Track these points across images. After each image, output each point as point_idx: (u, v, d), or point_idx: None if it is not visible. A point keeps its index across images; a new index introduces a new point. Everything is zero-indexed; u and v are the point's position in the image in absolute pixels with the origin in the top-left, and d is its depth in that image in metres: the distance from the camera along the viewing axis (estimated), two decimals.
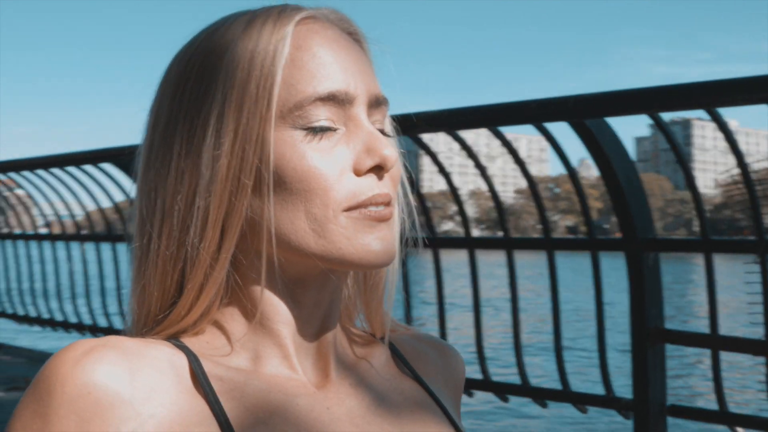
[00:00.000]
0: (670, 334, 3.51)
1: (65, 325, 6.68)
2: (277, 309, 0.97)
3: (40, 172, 6.42)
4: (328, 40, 0.95)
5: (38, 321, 6.96)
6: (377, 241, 0.93)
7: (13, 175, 6.92)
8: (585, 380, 3.73)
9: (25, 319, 7.18)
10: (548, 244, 3.84)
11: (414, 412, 1.04)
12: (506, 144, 3.84)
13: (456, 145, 3.89)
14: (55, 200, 6.68)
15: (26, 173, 6.61)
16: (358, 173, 0.93)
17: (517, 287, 4.00)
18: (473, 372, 4.12)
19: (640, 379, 3.51)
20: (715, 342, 3.42)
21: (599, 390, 3.72)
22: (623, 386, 3.78)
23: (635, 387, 3.53)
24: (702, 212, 3.40)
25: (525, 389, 4.01)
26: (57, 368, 0.86)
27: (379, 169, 0.94)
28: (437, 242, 4.23)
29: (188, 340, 0.96)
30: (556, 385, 3.88)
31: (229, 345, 0.97)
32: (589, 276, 3.68)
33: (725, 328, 3.56)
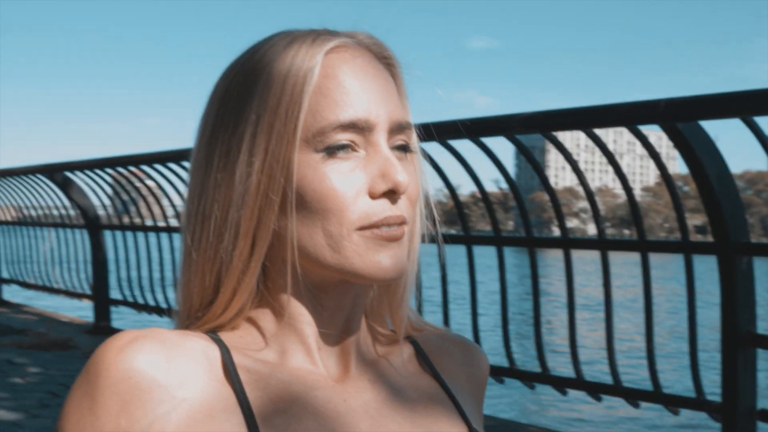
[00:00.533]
0: (762, 339, 3.49)
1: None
2: (301, 311, 1.06)
3: (171, 165, 6.61)
4: (354, 69, 1.02)
5: (161, 310, 7.17)
6: (387, 258, 1.01)
7: (144, 167, 7.19)
8: (664, 380, 3.75)
9: (145, 308, 7.45)
10: (642, 246, 3.85)
11: (427, 407, 1.12)
12: (601, 146, 3.85)
13: (583, 141, 3.94)
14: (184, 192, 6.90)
15: (157, 166, 6.79)
16: (372, 196, 1.00)
17: (610, 287, 4.02)
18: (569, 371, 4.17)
19: (729, 383, 3.50)
20: None
21: (679, 389, 3.73)
22: (706, 387, 3.76)
23: (724, 390, 3.52)
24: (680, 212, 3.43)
25: (617, 389, 4.03)
26: (104, 355, 0.97)
27: (392, 193, 1.01)
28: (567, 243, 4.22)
29: (224, 334, 1.05)
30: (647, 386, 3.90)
31: (259, 340, 1.07)
32: (679, 277, 3.67)
33: None
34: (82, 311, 10.97)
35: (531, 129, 3.83)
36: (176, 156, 6.29)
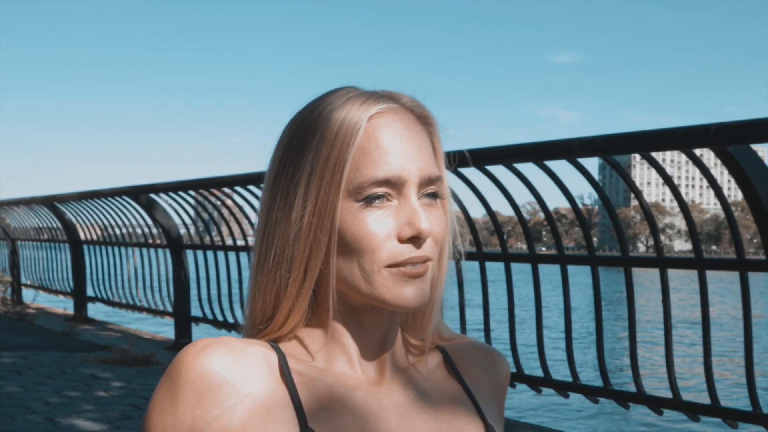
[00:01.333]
0: None
1: None
2: (343, 327, 1.26)
3: (250, 186, 6.75)
4: (392, 132, 1.21)
5: (238, 327, 7.40)
6: (411, 291, 1.20)
7: (225, 189, 7.45)
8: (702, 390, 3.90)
9: (224, 325, 7.69)
10: (699, 264, 3.96)
11: (449, 407, 1.31)
12: (658, 170, 3.98)
13: (668, 156, 3.94)
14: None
15: (237, 187, 7.02)
16: (400, 240, 1.19)
17: (668, 304, 4.13)
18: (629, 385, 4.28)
19: None
20: None
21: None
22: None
23: None
24: None
25: (677, 403, 4.14)
26: (184, 358, 1.18)
27: (416, 238, 1.20)
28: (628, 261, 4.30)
29: (281, 344, 1.26)
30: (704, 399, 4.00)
31: (309, 350, 1.27)
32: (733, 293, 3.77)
33: None
34: (164, 327, 11.32)
35: (589, 153, 3.97)
36: (254, 179, 6.51)
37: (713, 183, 3.81)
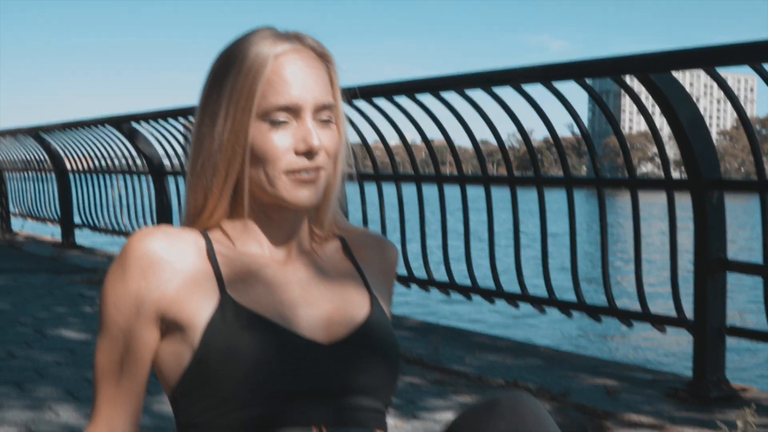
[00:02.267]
0: (730, 264, 3.96)
1: None
2: (256, 220, 1.61)
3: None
4: (293, 68, 1.54)
5: None
6: (304, 194, 1.54)
7: None
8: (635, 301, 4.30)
9: None
10: (631, 184, 4.34)
11: (343, 282, 1.65)
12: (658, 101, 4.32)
13: None
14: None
15: None
16: (296, 153, 1.53)
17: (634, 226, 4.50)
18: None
19: (701, 303, 3.98)
20: (766, 271, 3.86)
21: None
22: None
23: (696, 310, 4.00)
24: (758, 155, 3.83)
25: (612, 311, 4.54)
26: (131, 241, 1.53)
27: (309, 152, 1.53)
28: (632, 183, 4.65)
29: (210, 232, 1.61)
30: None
31: (230, 238, 1.62)
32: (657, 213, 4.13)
33: None
34: None
35: (531, 80, 4.32)
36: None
37: (643, 110, 4.13)
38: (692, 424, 3.46)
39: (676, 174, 4.40)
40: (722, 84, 3.79)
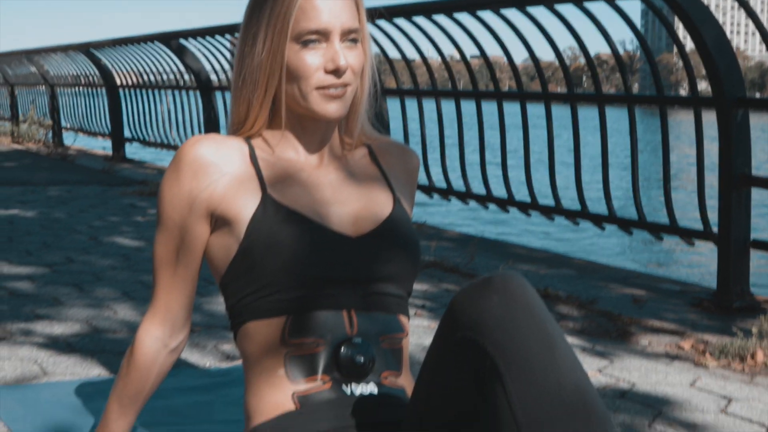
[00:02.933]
0: (754, 180, 4.11)
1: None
2: (292, 129, 1.81)
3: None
4: None
5: None
6: (332, 107, 1.73)
7: None
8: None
9: None
10: (660, 101, 4.47)
11: (369, 184, 1.86)
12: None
13: (727, 3, 4.16)
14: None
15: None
16: (326, 71, 1.72)
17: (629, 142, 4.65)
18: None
19: (725, 217, 4.13)
20: None
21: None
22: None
23: (721, 223, 4.16)
24: None
25: (643, 223, 4.71)
26: (183, 147, 1.75)
27: (337, 71, 1.72)
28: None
29: (252, 139, 1.81)
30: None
31: (270, 145, 1.82)
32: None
33: None
34: None
35: None
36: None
37: (760, 27, 4.18)
38: (712, 331, 3.64)
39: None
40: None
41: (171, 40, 9.11)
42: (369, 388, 1.68)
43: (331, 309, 1.68)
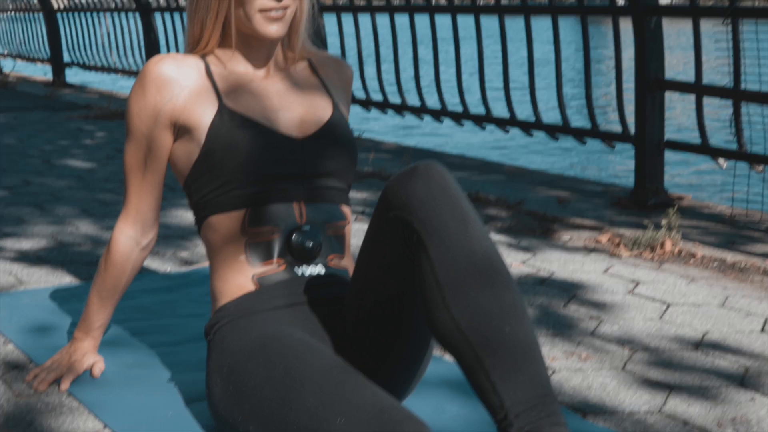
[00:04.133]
0: (666, 83, 4.44)
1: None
2: (241, 47, 2.07)
3: None
4: None
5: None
6: (273, 28, 1.98)
7: None
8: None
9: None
10: (581, 11, 4.77)
11: (311, 91, 2.12)
12: None
13: None
14: None
15: None
16: None
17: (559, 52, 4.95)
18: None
19: (641, 120, 4.47)
20: (698, 89, 4.34)
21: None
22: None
23: (637, 125, 4.49)
24: None
25: (567, 129, 5.03)
26: (147, 65, 2.02)
27: None
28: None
29: (207, 56, 2.08)
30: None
31: (223, 60, 2.08)
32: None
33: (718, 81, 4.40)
34: None
35: None
36: None
37: None
38: (628, 226, 3.98)
39: None
40: None
41: None
42: (317, 269, 1.99)
43: (283, 201, 1.97)
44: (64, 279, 3.11)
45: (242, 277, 1.97)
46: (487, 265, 1.64)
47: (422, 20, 6.03)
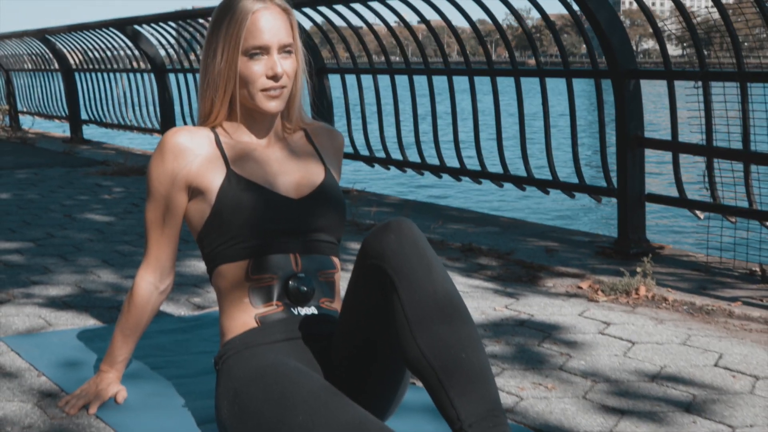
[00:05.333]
0: (645, 141, 4.77)
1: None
2: (245, 120, 2.41)
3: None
4: (263, 19, 2.29)
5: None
6: (273, 104, 2.32)
7: (200, 20, 8.52)
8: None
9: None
10: (566, 74, 5.12)
11: (306, 158, 2.46)
12: None
13: None
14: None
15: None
16: (267, 77, 2.31)
17: (546, 111, 5.30)
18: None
19: (622, 175, 4.79)
20: (674, 147, 4.68)
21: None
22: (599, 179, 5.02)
23: (619, 180, 4.82)
24: (664, 47, 4.61)
25: (557, 183, 5.36)
26: (166, 136, 2.36)
27: (275, 76, 2.31)
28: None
29: (216, 128, 2.42)
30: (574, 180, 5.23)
31: (229, 132, 2.42)
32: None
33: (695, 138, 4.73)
34: (152, 146, 12.50)
35: None
36: None
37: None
38: (608, 273, 4.28)
39: None
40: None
41: (126, 26, 9.62)
42: (311, 310, 2.31)
43: (281, 253, 2.31)
44: (88, 321, 3.43)
45: (246, 316, 2.29)
46: (447, 304, 1.96)
47: (420, 80, 6.40)
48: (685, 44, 4.60)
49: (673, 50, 4.75)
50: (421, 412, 2.46)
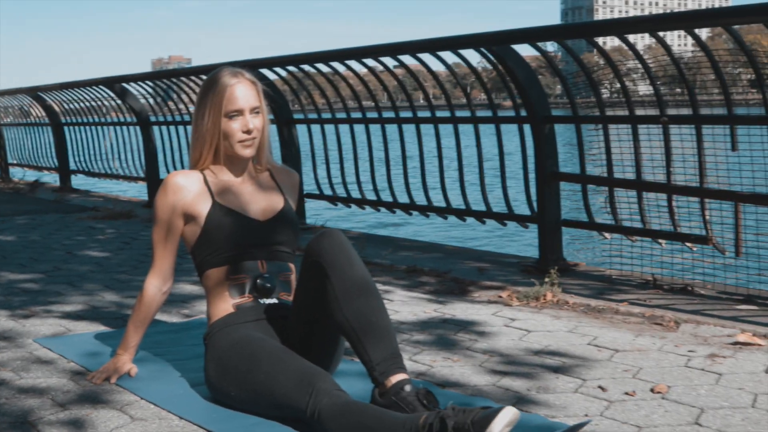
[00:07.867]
0: (560, 175, 5.67)
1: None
2: (227, 164, 3.29)
3: (202, 76, 8.60)
4: (239, 91, 3.18)
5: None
6: (247, 151, 3.20)
7: (182, 78, 9.41)
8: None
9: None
10: (495, 120, 6.05)
11: (270, 191, 3.33)
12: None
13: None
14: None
15: (192, 76, 9.17)
16: (242, 131, 3.19)
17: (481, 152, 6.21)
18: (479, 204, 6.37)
19: (541, 204, 5.69)
20: (582, 179, 5.59)
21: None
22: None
23: (539, 209, 5.71)
24: (571, 96, 5.55)
25: (489, 213, 6.26)
26: (168, 178, 3.25)
27: (248, 131, 3.19)
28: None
29: (204, 171, 3.30)
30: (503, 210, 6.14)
31: (215, 172, 3.31)
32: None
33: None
34: (138, 193, 13.38)
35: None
36: (201, 71, 8.61)
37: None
38: (526, 285, 5.12)
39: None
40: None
41: (114, 84, 10.50)
42: (273, 300, 3.21)
43: (252, 260, 3.20)
44: (100, 328, 4.30)
45: (226, 305, 3.18)
46: (363, 285, 2.85)
47: (375, 128, 7.32)
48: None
49: (646, 88, 5.68)
50: (353, 375, 3.34)
